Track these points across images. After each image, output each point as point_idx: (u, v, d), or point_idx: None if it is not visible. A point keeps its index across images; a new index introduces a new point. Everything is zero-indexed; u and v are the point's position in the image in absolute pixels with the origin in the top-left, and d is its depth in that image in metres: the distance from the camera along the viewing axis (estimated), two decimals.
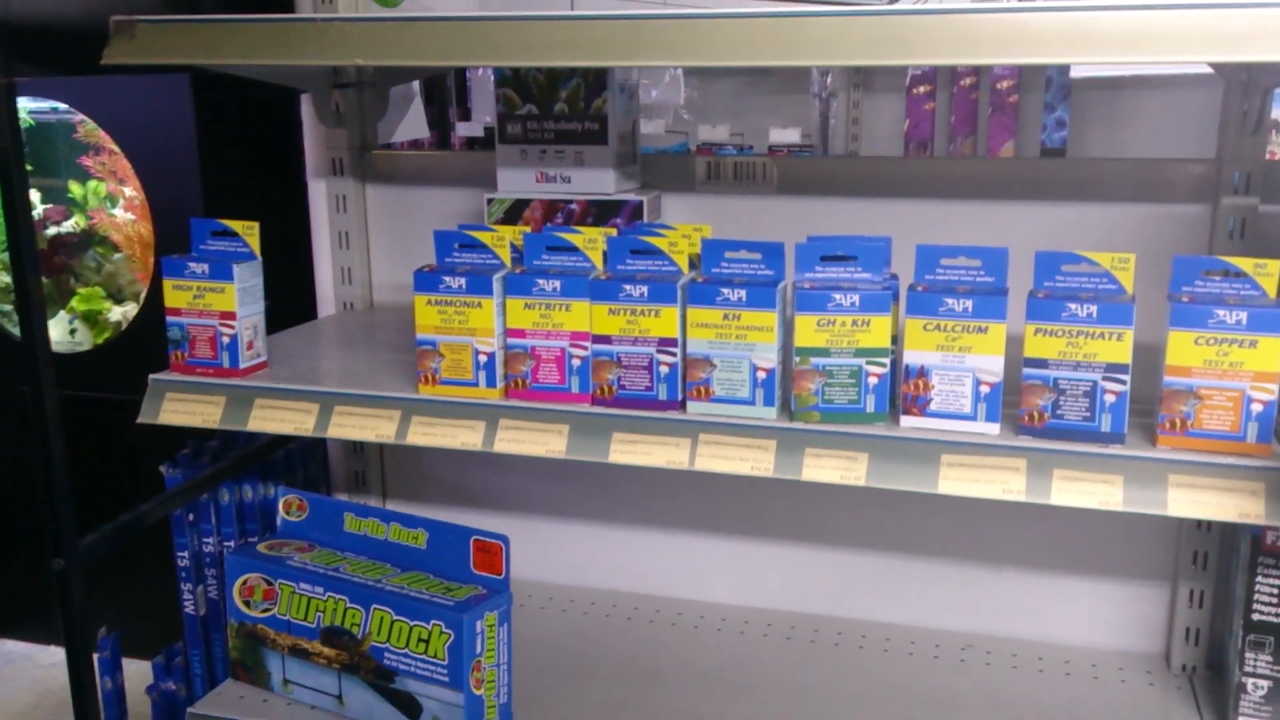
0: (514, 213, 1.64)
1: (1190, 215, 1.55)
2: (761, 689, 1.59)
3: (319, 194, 1.87)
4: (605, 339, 1.32)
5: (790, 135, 3.48)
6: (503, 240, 1.37)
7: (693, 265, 1.36)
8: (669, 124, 3.54)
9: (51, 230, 3.36)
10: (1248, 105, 1.45)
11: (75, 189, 3.34)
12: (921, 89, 3.45)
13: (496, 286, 1.34)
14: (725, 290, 1.27)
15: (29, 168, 3.29)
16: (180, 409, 1.43)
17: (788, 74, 3.62)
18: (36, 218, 3.34)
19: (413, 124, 2.17)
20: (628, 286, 1.30)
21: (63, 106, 3.07)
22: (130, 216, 3.28)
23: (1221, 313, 1.14)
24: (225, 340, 1.42)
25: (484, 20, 1.25)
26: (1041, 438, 1.21)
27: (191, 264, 1.42)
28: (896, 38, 1.14)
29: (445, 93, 3.10)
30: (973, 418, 1.23)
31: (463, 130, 3.14)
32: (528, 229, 1.43)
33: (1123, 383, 1.17)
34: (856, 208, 1.65)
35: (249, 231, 1.45)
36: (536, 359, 1.34)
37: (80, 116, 3.06)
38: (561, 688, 1.60)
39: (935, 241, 1.29)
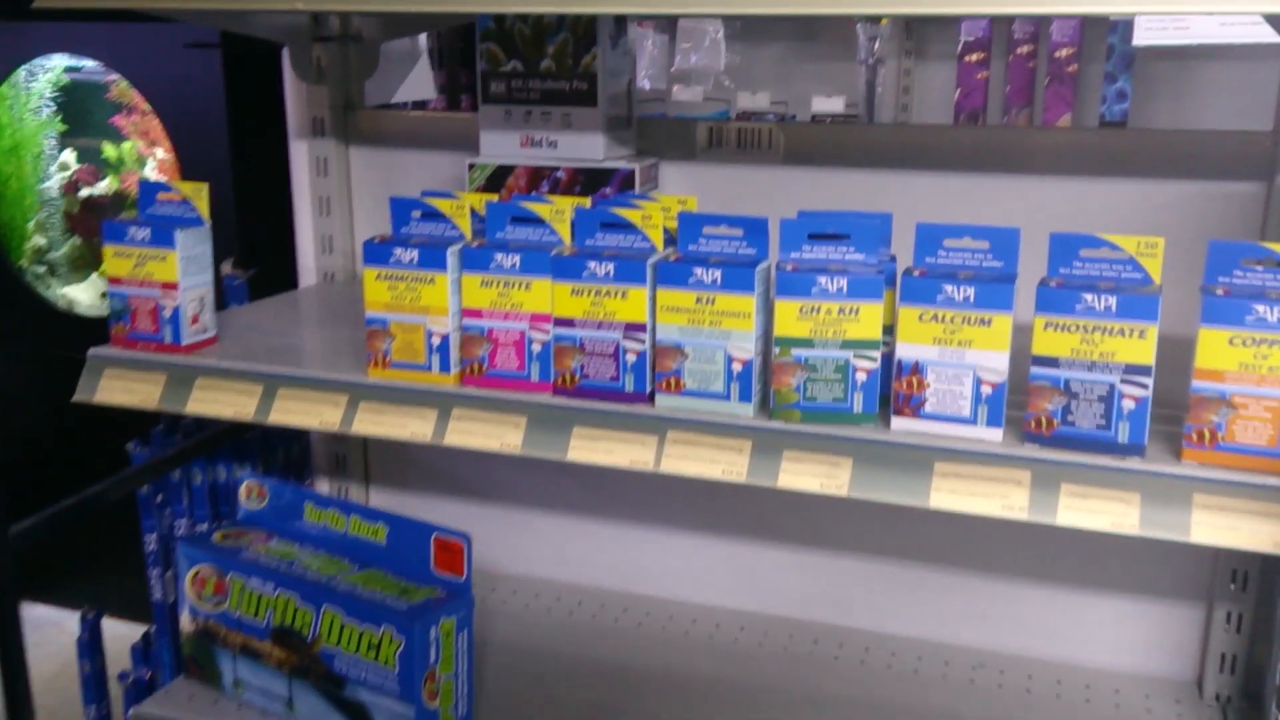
0: (497, 179, 1.52)
1: (1244, 194, 1.38)
2: (753, 702, 1.46)
3: (300, 156, 1.76)
4: (568, 322, 1.19)
5: (834, 104, 3.31)
6: (463, 209, 1.25)
7: (669, 241, 1.22)
8: (708, 91, 3.38)
9: (85, 192, 3.32)
10: None
11: (109, 150, 3.29)
12: (974, 56, 3.26)
13: (451, 260, 1.22)
14: (698, 270, 1.13)
15: (65, 126, 3.25)
16: (118, 387, 1.32)
17: (834, 39, 3.44)
18: (70, 179, 3.30)
19: (417, 85, 2.05)
20: (592, 264, 1.17)
21: (96, 66, 3.01)
22: (162, 178, 3.21)
23: (1261, 309, 0.98)
24: (167, 313, 1.32)
25: None
26: (1049, 447, 1.06)
27: (132, 228, 1.32)
28: None
29: (460, 52, 2.95)
30: (972, 421, 1.08)
31: None
32: (493, 196, 1.30)
33: (1144, 387, 1.02)
34: (868, 180, 1.50)
35: (198, 193, 1.34)
36: (494, 342, 1.22)
37: (113, 76, 3.00)
38: (537, 695, 1.49)
39: (953, 220, 1.14)
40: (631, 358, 1.18)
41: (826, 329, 1.10)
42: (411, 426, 1.23)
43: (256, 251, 2.06)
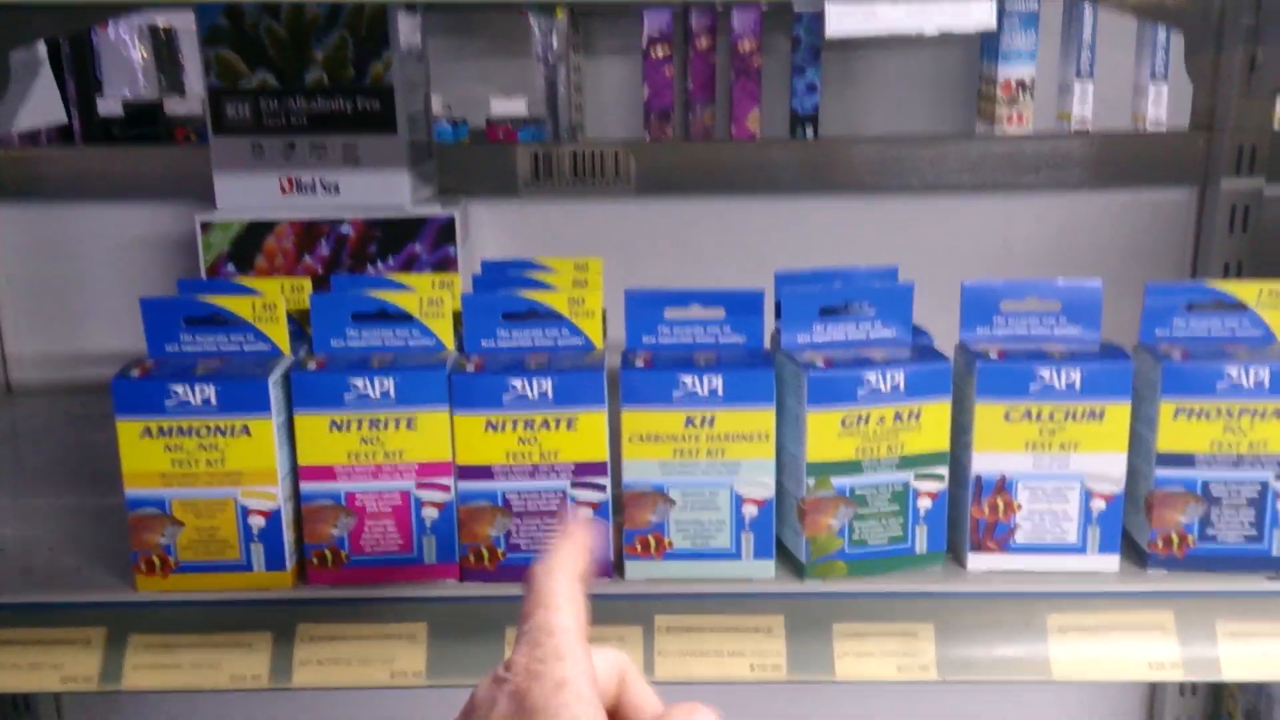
0: (249, 244, 1.05)
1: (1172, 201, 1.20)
2: None
3: None
4: (482, 471, 0.77)
5: (515, 106, 2.97)
6: (273, 308, 0.79)
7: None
8: None
9: None
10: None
11: None
12: (660, 51, 3.03)
13: (275, 394, 0.76)
14: (687, 379, 0.76)
15: None
16: None
17: (498, 33, 3.09)
18: None
19: (43, 105, 1.49)
20: (516, 381, 0.76)
21: None
22: None
23: None
24: None
25: None
26: (1185, 571, 0.79)
27: None
28: None
29: (59, 58, 2.33)
30: (1081, 550, 0.79)
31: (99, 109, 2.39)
32: (307, 282, 0.85)
33: None
34: (761, 210, 1.18)
35: None
36: (358, 513, 0.78)
37: None
38: None
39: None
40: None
41: (879, 444, 0.77)
42: (232, 666, 0.77)
43: None
